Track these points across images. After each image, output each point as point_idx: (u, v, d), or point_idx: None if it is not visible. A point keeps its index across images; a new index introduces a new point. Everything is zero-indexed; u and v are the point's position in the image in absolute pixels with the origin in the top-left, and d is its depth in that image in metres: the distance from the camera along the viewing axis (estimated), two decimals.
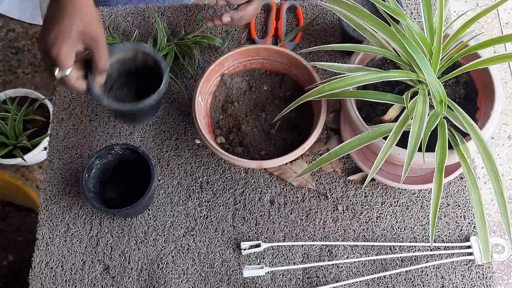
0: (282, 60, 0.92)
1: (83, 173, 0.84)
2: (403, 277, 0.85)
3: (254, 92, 0.94)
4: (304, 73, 0.90)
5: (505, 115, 1.77)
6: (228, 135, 0.90)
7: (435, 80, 0.71)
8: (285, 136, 0.90)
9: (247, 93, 0.94)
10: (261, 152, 0.88)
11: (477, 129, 0.70)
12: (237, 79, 0.94)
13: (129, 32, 1.04)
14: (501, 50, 1.81)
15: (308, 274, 0.86)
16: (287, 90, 0.93)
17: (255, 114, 0.91)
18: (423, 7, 0.74)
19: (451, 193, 0.90)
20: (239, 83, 0.94)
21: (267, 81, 0.94)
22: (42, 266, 0.88)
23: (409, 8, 1.04)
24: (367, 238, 0.88)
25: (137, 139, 0.96)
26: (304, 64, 0.88)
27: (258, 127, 0.90)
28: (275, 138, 0.89)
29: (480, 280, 0.85)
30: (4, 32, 1.93)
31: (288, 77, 0.94)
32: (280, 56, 0.91)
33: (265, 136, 0.90)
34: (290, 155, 0.82)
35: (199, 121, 0.85)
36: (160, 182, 0.92)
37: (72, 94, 1.00)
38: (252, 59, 0.93)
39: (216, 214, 0.90)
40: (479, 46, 0.73)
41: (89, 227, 0.90)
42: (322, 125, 0.84)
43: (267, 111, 0.91)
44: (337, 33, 1.01)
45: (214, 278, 0.86)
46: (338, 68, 0.77)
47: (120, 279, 0.87)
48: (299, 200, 0.90)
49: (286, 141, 0.89)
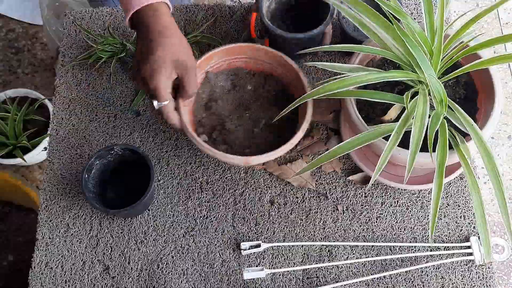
0: (267, 60, 0.91)
1: (83, 173, 0.84)
2: (403, 277, 0.85)
3: (238, 91, 0.93)
4: (289, 73, 0.89)
5: (505, 115, 1.77)
6: (211, 133, 0.90)
7: (435, 80, 0.71)
8: (269, 135, 0.89)
9: (231, 91, 0.93)
10: (245, 150, 0.87)
11: (477, 129, 0.70)
12: (221, 78, 0.93)
13: (129, 32, 1.04)
14: (501, 50, 1.81)
15: (308, 274, 0.86)
16: (272, 90, 0.93)
17: (239, 113, 0.91)
18: (424, 7, 0.74)
19: (451, 193, 0.90)
20: (223, 81, 0.93)
21: (252, 80, 0.94)
22: (42, 266, 0.88)
23: (409, 8, 1.04)
24: (367, 239, 0.88)
25: (137, 140, 0.96)
26: (289, 64, 0.88)
27: (241, 126, 0.90)
28: (259, 137, 0.89)
29: (480, 280, 0.85)
30: (4, 32, 1.93)
31: (273, 76, 0.93)
32: (265, 55, 0.91)
33: (248, 134, 0.89)
34: (279, 150, 0.81)
35: (183, 117, 0.83)
36: (160, 182, 0.92)
37: (72, 94, 1.00)
38: (237, 58, 0.92)
39: (216, 214, 0.90)
40: (479, 47, 0.73)
41: (89, 227, 0.90)
42: (309, 120, 0.83)
43: (251, 110, 0.91)
44: (336, 33, 1.01)
45: (214, 278, 0.86)
46: (338, 68, 0.77)
47: (120, 279, 0.87)
48: (299, 200, 0.90)
49: (269, 140, 0.89)
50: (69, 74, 1.02)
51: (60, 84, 1.01)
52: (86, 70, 1.02)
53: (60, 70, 1.02)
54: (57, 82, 1.01)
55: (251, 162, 0.82)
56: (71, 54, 1.04)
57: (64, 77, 1.02)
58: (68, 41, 1.05)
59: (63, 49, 1.04)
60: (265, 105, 0.91)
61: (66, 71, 1.02)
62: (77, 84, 1.01)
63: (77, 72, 1.02)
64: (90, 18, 1.06)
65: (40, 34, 1.92)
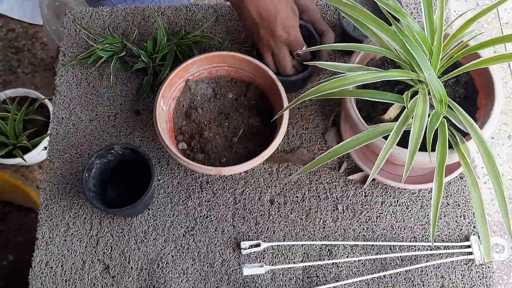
0: (248, 68, 0.91)
1: (83, 172, 0.84)
2: (403, 276, 0.85)
3: (219, 99, 0.93)
4: (269, 82, 0.89)
5: (505, 115, 1.77)
6: (190, 141, 0.90)
7: (435, 79, 0.71)
8: (247, 144, 0.89)
9: (212, 100, 0.93)
10: (222, 159, 0.88)
11: (477, 128, 0.70)
12: (202, 86, 0.93)
13: (129, 32, 1.04)
14: (501, 50, 1.81)
15: (308, 273, 0.86)
16: (252, 99, 0.93)
17: (219, 121, 0.91)
18: (424, 6, 0.74)
19: (451, 192, 0.90)
20: (204, 89, 0.93)
21: (232, 88, 0.94)
22: (42, 266, 0.88)
23: (409, 7, 1.04)
24: (367, 238, 0.88)
25: (137, 139, 0.96)
26: (267, 73, 0.88)
27: (220, 134, 0.90)
28: (236, 146, 0.89)
29: (480, 279, 0.85)
30: (4, 32, 1.93)
31: (254, 85, 0.93)
32: (246, 64, 0.90)
33: (227, 143, 0.89)
34: (249, 162, 0.81)
35: (159, 126, 0.83)
36: (160, 181, 0.92)
37: (72, 93, 1.00)
38: (218, 66, 0.92)
39: (216, 214, 0.90)
40: (479, 46, 0.73)
41: (89, 227, 0.90)
42: (282, 135, 0.83)
43: (231, 119, 0.91)
44: (337, 33, 1.01)
45: (214, 278, 0.86)
46: (338, 67, 0.77)
47: (120, 278, 0.87)
48: (299, 199, 0.90)
49: (247, 149, 0.89)
50: (69, 74, 1.02)
51: (60, 83, 1.01)
52: (86, 70, 1.02)
53: (60, 69, 1.02)
54: (57, 81, 1.01)
55: (222, 173, 0.82)
56: (71, 54, 1.04)
57: (65, 76, 1.02)
58: (68, 40, 1.05)
59: (63, 49, 1.04)
60: (245, 113, 0.92)
61: (66, 70, 1.02)
62: (77, 84, 1.01)
63: (77, 71, 1.02)
64: (90, 18, 1.07)
65: (40, 34, 1.92)
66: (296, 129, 0.95)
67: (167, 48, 0.97)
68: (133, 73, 1.01)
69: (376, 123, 0.77)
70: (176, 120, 0.91)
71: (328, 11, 1.05)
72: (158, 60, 0.97)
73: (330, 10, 1.05)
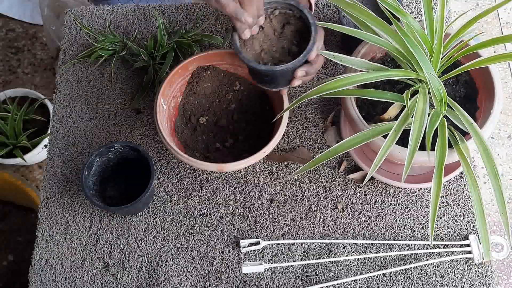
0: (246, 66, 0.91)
1: (83, 170, 0.84)
2: (402, 275, 0.85)
3: (217, 97, 0.93)
4: None
5: (505, 115, 1.77)
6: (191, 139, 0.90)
7: (435, 79, 0.71)
8: (245, 142, 0.90)
9: (211, 98, 0.93)
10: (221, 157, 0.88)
11: (477, 128, 0.70)
12: (201, 84, 0.93)
13: (130, 31, 1.04)
14: (501, 50, 1.81)
15: (308, 272, 0.86)
16: (253, 95, 0.93)
17: (218, 119, 0.92)
18: (424, 5, 0.74)
19: (450, 192, 0.90)
20: (203, 88, 0.93)
21: (232, 87, 0.94)
22: (42, 264, 0.88)
23: (409, 7, 1.04)
24: (367, 237, 0.88)
25: (137, 137, 0.96)
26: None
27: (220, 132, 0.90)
28: (235, 144, 0.89)
29: (479, 278, 0.85)
30: (4, 32, 1.93)
31: (253, 83, 0.92)
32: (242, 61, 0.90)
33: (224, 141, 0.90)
34: (250, 158, 0.81)
35: (160, 124, 0.84)
36: (160, 180, 0.92)
37: (72, 92, 1.00)
38: (217, 64, 0.92)
39: (215, 212, 0.90)
40: (479, 46, 0.73)
41: (89, 225, 0.90)
42: (283, 131, 0.83)
43: (230, 117, 0.91)
44: (337, 32, 1.01)
45: (214, 276, 0.86)
46: (341, 59, 0.75)
47: (120, 276, 0.87)
48: (298, 198, 0.91)
49: (245, 147, 0.89)
50: (69, 72, 1.02)
51: (60, 82, 1.01)
52: (86, 68, 1.02)
53: (61, 68, 1.02)
54: (58, 80, 1.01)
55: (224, 169, 0.82)
56: (71, 52, 1.04)
57: (65, 75, 1.02)
58: (69, 39, 1.05)
59: (63, 47, 1.04)
60: (245, 111, 0.92)
61: (67, 69, 1.02)
62: (77, 82, 1.01)
63: (78, 70, 1.02)
64: (91, 16, 1.07)
65: (40, 34, 1.92)
66: (296, 128, 0.95)
67: (167, 47, 0.98)
68: (134, 72, 1.01)
69: (376, 122, 0.78)
70: (176, 118, 0.91)
71: (329, 10, 1.05)
72: (158, 58, 0.98)
73: (330, 9, 1.05)
